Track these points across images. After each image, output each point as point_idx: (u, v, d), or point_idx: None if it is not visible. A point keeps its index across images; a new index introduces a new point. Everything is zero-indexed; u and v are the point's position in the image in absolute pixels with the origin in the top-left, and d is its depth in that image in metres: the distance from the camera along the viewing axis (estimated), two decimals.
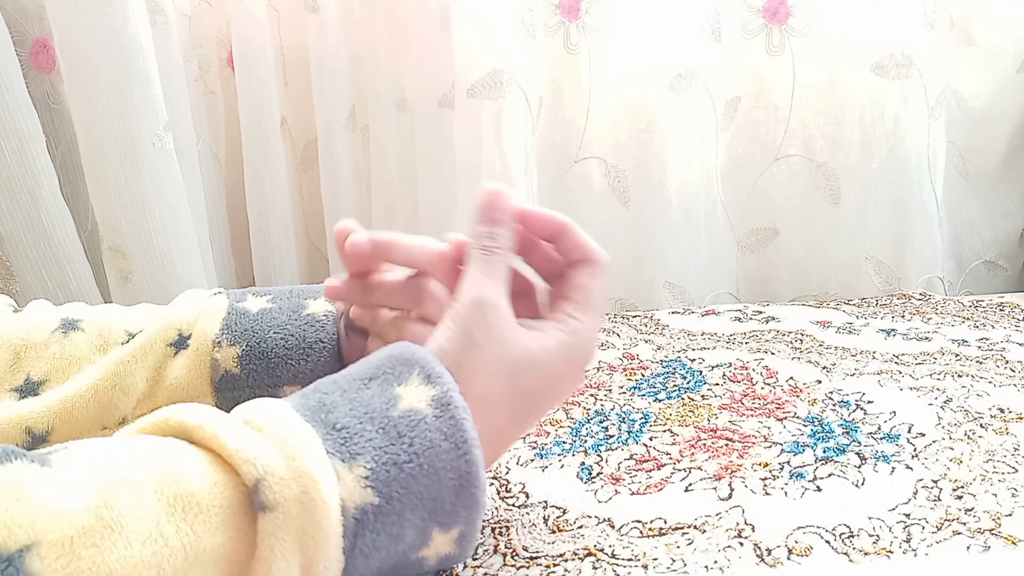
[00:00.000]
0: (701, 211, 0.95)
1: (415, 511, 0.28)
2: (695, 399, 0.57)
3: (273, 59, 0.93)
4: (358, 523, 0.27)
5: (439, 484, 0.29)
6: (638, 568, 0.35)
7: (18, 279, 0.74)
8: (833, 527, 0.37)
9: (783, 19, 0.92)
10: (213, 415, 0.28)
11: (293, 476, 0.26)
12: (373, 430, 0.29)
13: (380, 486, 0.28)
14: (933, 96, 0.92)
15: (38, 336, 0.44)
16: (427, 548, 0.30)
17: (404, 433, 0.29)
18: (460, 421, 0.30)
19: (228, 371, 0.43)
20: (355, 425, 0.29)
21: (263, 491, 0.25)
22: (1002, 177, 1.00)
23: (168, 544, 0.24)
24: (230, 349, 0.44)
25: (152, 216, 0.76)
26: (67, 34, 0.72)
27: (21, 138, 0.71)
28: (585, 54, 0.90)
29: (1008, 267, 1.01)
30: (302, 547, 0.25)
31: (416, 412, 0.30)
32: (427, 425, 0.29)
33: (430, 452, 0.29)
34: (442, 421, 0.30)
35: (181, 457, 0.26)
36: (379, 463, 0.28)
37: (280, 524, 0.25)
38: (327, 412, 0.29)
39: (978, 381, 0.57)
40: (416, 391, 0.30)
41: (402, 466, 0.28)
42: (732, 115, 0.96)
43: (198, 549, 0.24)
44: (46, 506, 0.22)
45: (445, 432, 0.29)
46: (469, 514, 0.30)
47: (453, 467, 0.29)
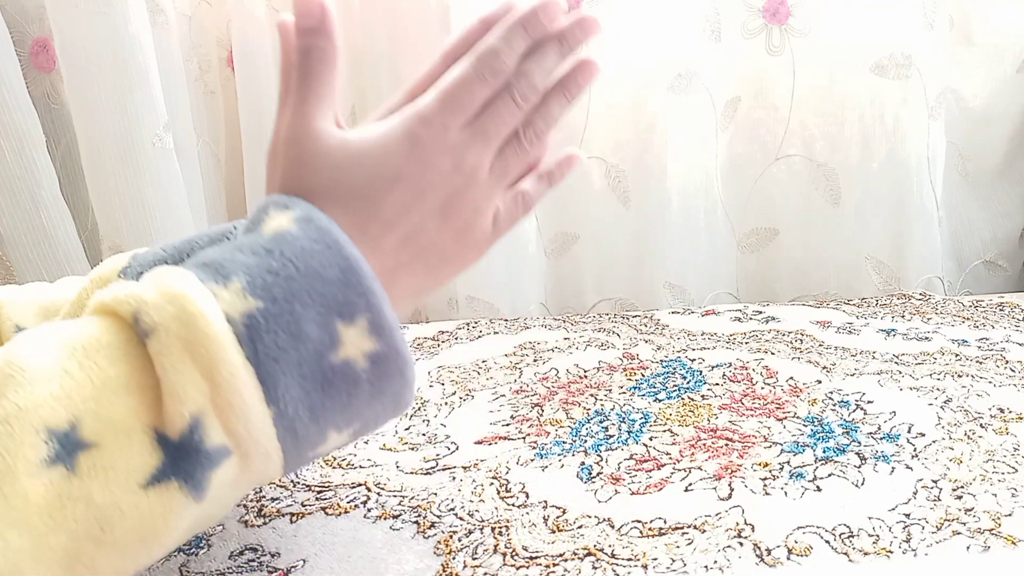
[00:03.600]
0: (701, 211, 0.95)
1: (307, 307, 0.28)
2: (695, 399, 0.57)
3: (273, 59, 0.93)
4: (250, 329, 0.27)
5: (322, 279, 0.29)
6: (638, 568, 0.35)
7: (18, 279, 0.74)
8: (833, 527, 0.37)
9: (783, 19, 0.92)
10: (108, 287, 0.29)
11: (167, 300, 0.26)
12: (244, 256, 0.29)
13: (260, 292, 0.28)
14: (933, 96, 0.92)
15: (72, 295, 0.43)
16: (343, 346, 0.29)
17: (273, 248, 0.29)
18: (326, 226, 0.30)
19: None
20: (226, 256, 0.29)
21: (141, 320, 0.26)
22: (1002, 177, 1.00)
23: (73, 377, 0.25)
24: None
25: (152, 216, 0.76)
26: (67, 34, 0.72)
27: (21, 138, 0.71)
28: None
29: (1008, 267, 1.01)
30: (193, 357, 0.26)
31: (281, 231, 0.30)
32: (294, 236, 0.29)
33: (303, 254, 0.29)
34: (308, 230, 0.30)
35: (80, 321, 0.27)
36: (254, 275, 0.28)
37: (163, 342, 0.26)
38: (198, 257, 0.30)
39: (978, 381, 0.57)
40: (276, 220, 0.30)
41: (277, 272, 0.28)
42: (732, 115, 0.96)
43: (103, 378, 0.25)
44: None
45: (313, 238, 0.29)
46: (368, 300, 0.29)
47: (332, 263, 0.29)
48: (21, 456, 0.23)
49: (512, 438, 0.52)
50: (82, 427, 0.24)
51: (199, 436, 0.26)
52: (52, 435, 0.24)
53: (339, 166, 0.33)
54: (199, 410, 0.26)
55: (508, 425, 0.54)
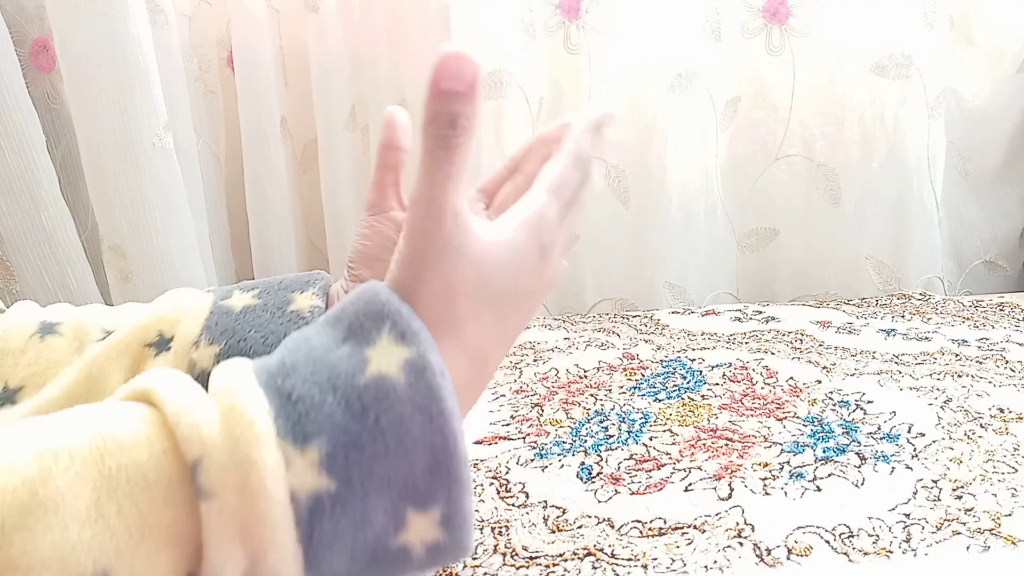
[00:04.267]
0: (701, 211, 0.95)
1: (382, 494, 0.25)
2: (695, 399, 0.57)
3: (273, 59, 0.93)
4: (312, 511, 0.24)
5: (409, 463, 0.25)
6: (638, 568, 0.35)
7: (18, 279, 0.74)
8: (833, 527, 0.37)
9: (783, 19, 0.92)
10: (170, 378, 0.26)
11: (234, 462, 0.23)
12: (334, 402, 0.25)
13: (337, 470, 0.25)
14: (933, 96, 0.92)
15: (15, 343, 0.43)
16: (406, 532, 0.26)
17: (369, 407, 0.25)
18: (436, 389, 0.26)
19: (204, 370, 0.42)
20: (315, 396, 0.25)
21: (202, 475, 0.23)
22: (1002, 177, 1.00)
23: (109, 525, 0.22)
24: (208, 348, 0.43)
25: (152, 216, 0.76)
26: (67, 34, 0.72)
27: (21, 138, 0.71)
28: (585, 54, 0.90)
29: (1008, 267, 1.01)
30: (244, 539, 0.23)
31: (385, 380, 0.26)
32: (397, 396, 0.26)
33: (399, 428, 0.25)
34: (415, 391, 0.26)
35: (130, 422, 0.24)
36: (337, 444, 0.25)
37: (219, 514, 0.23)
38: (285, 376, 0.26)
39: (978, 381, 0.57)
40: (387, 352, 0.26)
41: (364, 448, 0.25)
42: (732, 115, 0.96)
43: (143, 527, 0.23)
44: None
45: (418, 404, 0.26)
46: (449, 492, 0.26)
47: (427, 443, 0.26)
48: None
49: (512, 438, 0.52)
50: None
51: None
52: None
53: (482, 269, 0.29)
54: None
55: (508, 425, 0.54)
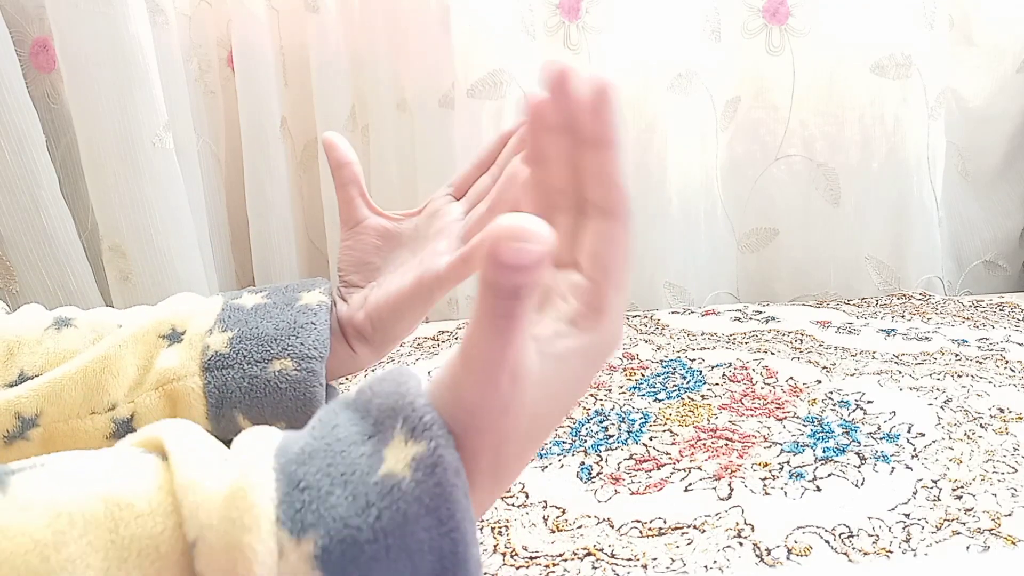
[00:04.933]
0: (701, 211, 0.95)
1: None
2: (695, 399, 0.57)
3: (273, 59, 0.93)
4: None
5: (412, 567, 0.24)
6: (638, 568, 0.35)
7: (18, 279, 0.74)
8: (833, 527, 0.37)
9: (783, 19, 0.92)
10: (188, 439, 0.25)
11: (225, 547, 0.23)
12: (341, 495, 0.24)
13: (332, 568, 0.23)
14: (933, 96, 0.92)
15: (31, 333, 0.44)
16: None
17: (373, 503, 0.24)
18: (448, 489, 0.24)
19: (218, 351, 0.43)
20: (323, 487, 0.24)
21: (197, 558, 0.23)
22: (1002, 177, 1.00)
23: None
24: (222, 335, 0.44)
25: (152, 216, 0.76)
26: (67, 34, 0.72)
27: (21, 138, 0.71)
28: (585, 54, 0.90)
29: (1008, 267, 1.01)
30: None
31: (392, 477, 0.24)
32: (402, 493, 0.24)
33: (402, 530, 0.24)
34: (423, 489, 0.24)
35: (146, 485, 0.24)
36: (333, 540, 0.23)
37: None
38: (301, 464, 0.25)
39: (978, 381, 0.57)
40: (398, 452, 0.25)
41: (363, 546, 0.23)
42: (732, 115, 0.96)
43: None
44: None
45: (426, 504, 0.24)
46: None
47: (433, 547, 0.24)
48: None
49: None
50: None
51: None
52: None
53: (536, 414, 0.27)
54: None
55: None
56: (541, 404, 0.27)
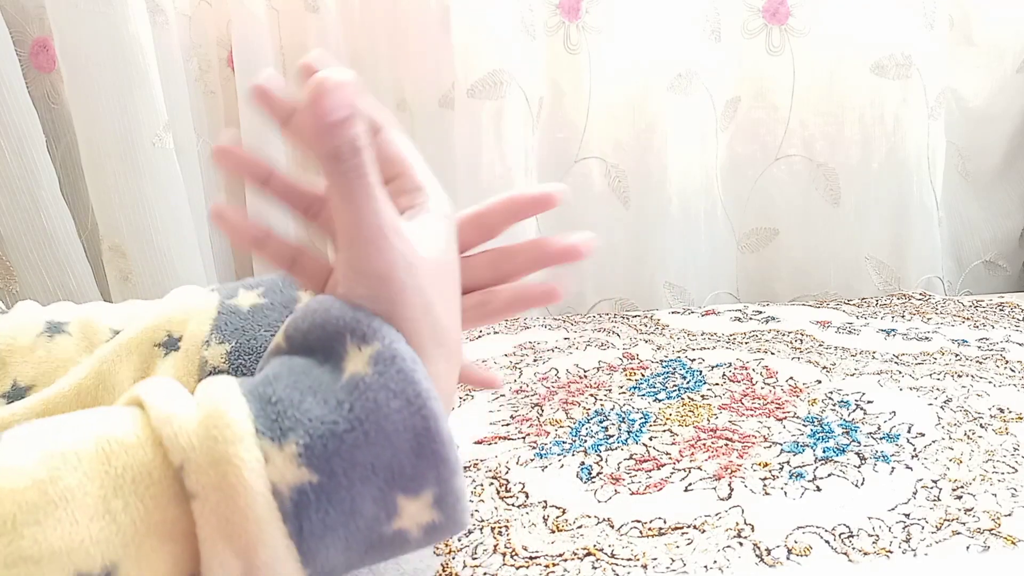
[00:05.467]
0: (701, 211, 0.95)
1: (367, 483, 0.25)
2: (695, 399, 0.57)
3: (273, 59, 0.93)
4: (298, 504, 0.24)
5: (392, 448, 0.25)
6: (638, 568, 0.35)
7: (18, 279, 0.74)
8: (833, 527, 0.37)
9: (783, 19, 0.92)
10: (158, 386, 0.26)
11: (211, 461, 0.24)
12: (313, 401, 0.26)
13: (317, 462, 0.24)
14: (933, 96, 0.92)
15: (23, 340, 0.44)
16: (399, 519, 0.26)
17: (344, 400, 0.25)
18: (409, 373, 0.26)
19: (215, 367, 0.43)
20: (294, 397, 0.26)
21: (186, 478, 0.24)
22: (1002, 177, 1.00)
23: (116, 520, 0.23)
24: (219, 347, 0.44)
25: (152, 216, 0.76)
26: (67, 34, 0.72)
27: (21, 138, 0.71)
28: (585, 54, 0.90)
29: (1008, 267, 1.01)
30: (230, 537, 0.23)
31: (356, 375, 0.26)
32: (367, 385, 0.26)
33: (375, 415, 0.25)
34: (387, 377, 0.26)
35: (132, 427, 0.25)
36: (314, 436, 0.25)
37: (202, 513, 0.23)
38: (267, 385, 0.26)
39: (978, 381, 0.57)
40: (356, 358, 0.26)
41: (342, 436, 0.25)
42: (732, 115, 0.96)
43: (149, 522, 0.23)
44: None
45: (392, 389, 0.26)
46: (438, 473, 0.26)
47: (407, 426, 0.25)
48: None
49: (512, 438, 0.52)
50: (119, 573, 0.23)
51: None
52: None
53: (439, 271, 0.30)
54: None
55: (508, 425, 0.54)
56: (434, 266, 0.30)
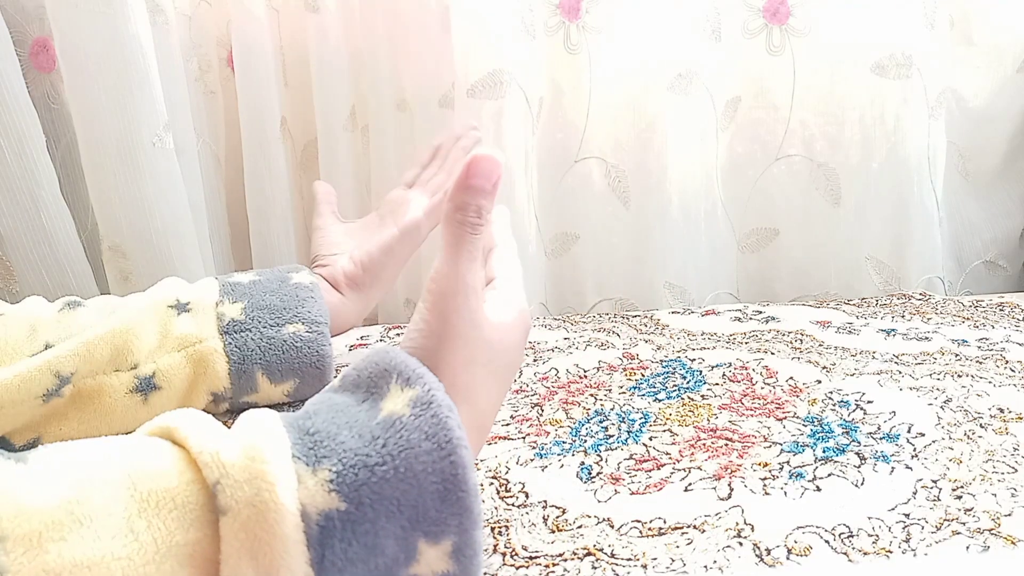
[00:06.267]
0: (701, 211, 0.95)
1: (392, 519, 0.26)
2: (695, 399, 0.57)
3: (273, 59, 0.93)
4: (323, 531, 0.25)
5: (419, 488, 0.26)
6: (637, 568, 0.35)
7: (18, 279, 0.74)
8: (833, 527, 0.37)
9: (783, 19, 0.92)
10: (194, 417, 0.27)
11: (247, 478, 0.25)
12: (348, 435, 0.27)
13: (347, 490, 0.25)
14: (933, 96, 0.92)
15: (47, 314, 0.48)
16: (417, 564, 0.27)
17: (379, 435, 0.27)
18: (443, 419, 0.27)
19: (234, 319, 0.49)
20: (331, 430, 0.27)
21: (220, 493, 0.24)
22: (1002, 177, 1.00)
23: (138, 539, 0.23)
24: (233, 305, 0.50)
25: (152, 216, 0.76)
26: (67, 34, 0.72)
27: (21, 138, 0.71)
28: (585, 54, 0.90)
29: (1008, 267, 1.01)
30: (255, 553, 0.24)
31: (393, 415, 0.27)
32: (403, 424, 0.27)
33: (407, 453, 0.26)
34: (422, 420, 0.27)
35: (159, 456, 0.26)
36: (347, 465, 0.26)
37: (232, 527, 0.24)
38: (307, 419, 0.28)
39: (978, 381, 0.56)
40: (396, 398, 0.28)
41: (373, 469, 0.26)
42: (732, 115, 0.96)
43: (170, 544, 0.24)
44: (15, 501, 0.22)
45: (426, 432, 0.27)
46: (460, 522, 0.27)
47: (435, 469, 0.26)
48: None
49: (512, 438, 0.52)
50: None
51: None
52: None
53: (494, 343, 0.33)
54: None
55: (508, 425, 0.54)
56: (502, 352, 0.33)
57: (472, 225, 0.32)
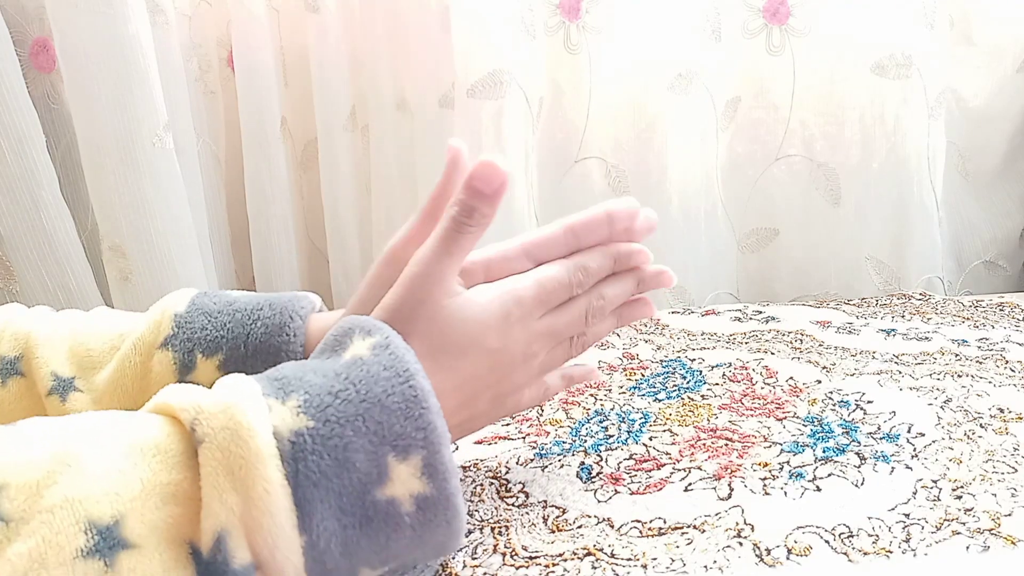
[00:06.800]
0: (701, 211, 0.95)
1: (359, 434, 0.27)
2: (695, 399, 0.57)
3: (273, 59, 0.93)
4: (295, 446, 0.26)
5: (381, 407, 0.28)
6: (637, 568, 0.35)
7: (18, 279, 0.74)
8: (833, 527, 0.37)
9: (783, 19, 0.92)
10: (175, 387, 0.29)
11: (221, 410, 0.26)
12: (314, 376, 0.29)
13: (314, 411, 0.27)
14: (933, 96, 0.92)
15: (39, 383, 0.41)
16: (391, 483, 0.27)
17: (342, 372, 0.29)
18: (400, 355, 0.29)
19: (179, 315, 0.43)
20: (297, 374, 0.29)
21: (197, 427, 0.26)
22: (1002, 177, 1.00)
23: (124, 477, 0.25)
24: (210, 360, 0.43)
25: (152, 216, 0.76)
26: (67, 34, 0.72)
27: (21, 138, 0.71)
28: (585, 54, 0.90)
29: (1008, 267, 1.01)
30: (231, 469, 0.25)
31: (356, 356, 0.30)
32: (364, 361, 0.29)
33: (368, 379, 0.28)
34: (380, 357, 0.29)
35: (145, 418, 0.28)
36: (312, 395, 0.28)
37: (210, 452, 0.26)
38: (275, 371, 0.30)
39: (978, 381, 0.56)
40: (356, 346, 0.31)
41: (337, 394, 0.28)
42: (732, 115, 0.96)
43: (155, 483, 0.25)
44: (12, 455, 0.24)
45: (384, 364, 0.29)
46: (426, 436, 0.28)
47: (396, 391, 0.28)
48: (55, 545, 0.23)
49: (512, 438, 0.52)
50: (125, 525, 0.24)
51: (224, 555, 0.25)
52: (94, 527, 0.23)
53: (448, 321, 0.34)
54: (225, 526, 0.25)
55: (508, 425, 0.54)
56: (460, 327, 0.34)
57: (463, 225, 0.34)
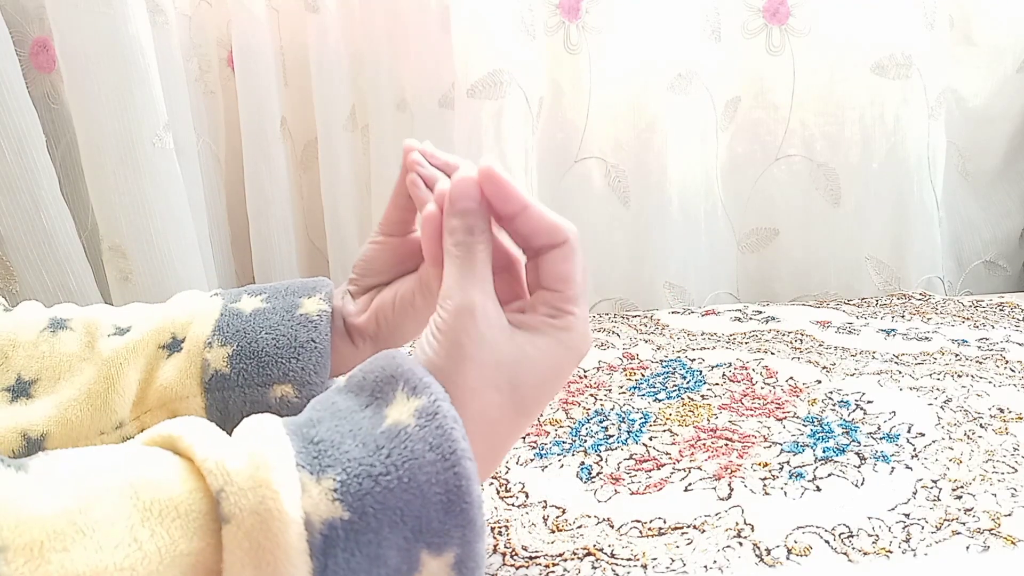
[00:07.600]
0: (701, 211, 0.95)
1: (395, 529, 0.26)
2: (695, 399, 0.57)
3: (273, 59, 0.93)
4: (326, 540, 0.25)
5: (422, 499, 0.26)
6: (637, 568, 0.35)
7: (18, 279, 0.74)
8: (832, 527, 0.37)
9: (783, 19, 0.92)
10: (197, 426, 0.27)
11: (251, 486, 0.24)
12: (352, 444, 0.27)
13: (351, 500, 0.25)
14: (933, 96, 0.92)
15: (26, 335, 0.44)
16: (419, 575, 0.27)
17: (383, 445, 0.27)
18: (448, 431, 0.27)
19: (218, 371, 0.43)
20: (335, 439, 0.27)
21: (223, 501, 0.24)
22: (1002, 177, 1.00)
23: (142, 548, 0.23)
24: (221, 349, 0.43)
25: (152, 216, 0.76)
26: (67, 34, 0.72)
27: (21, 138, 0.71)
28: (585, 54, 0.90)
29: (1008, 267, 1.01)
30: (258, 562, 0.24)
31: (398, 425, 0.27)
32: (408, 435, 0.27)
33: (411, 464, 0.26)
34: (427, 431, 0.27)
35: (162, 465, 0.26)
36: (351, 475, 0.26)
37: (235, 536, 0.24)
38: (311, 427, 0.28)
39: (978, 381, 0.56)
40: (401, 406, 0.28)
41: (377, 479, 0.26)
42: (732, 115, 0.96)
43: (174, 553, 0.24)
44: (17, 511, 0.22)
45: (430, 443, 0.27)
46: (463, 534, 0.26)
47: (439, 480, 0.26)
48: None
49: None
50: None
51: None
52: None
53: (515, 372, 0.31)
54: None
55: None
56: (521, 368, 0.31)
57: (461, 244, 0.32)
